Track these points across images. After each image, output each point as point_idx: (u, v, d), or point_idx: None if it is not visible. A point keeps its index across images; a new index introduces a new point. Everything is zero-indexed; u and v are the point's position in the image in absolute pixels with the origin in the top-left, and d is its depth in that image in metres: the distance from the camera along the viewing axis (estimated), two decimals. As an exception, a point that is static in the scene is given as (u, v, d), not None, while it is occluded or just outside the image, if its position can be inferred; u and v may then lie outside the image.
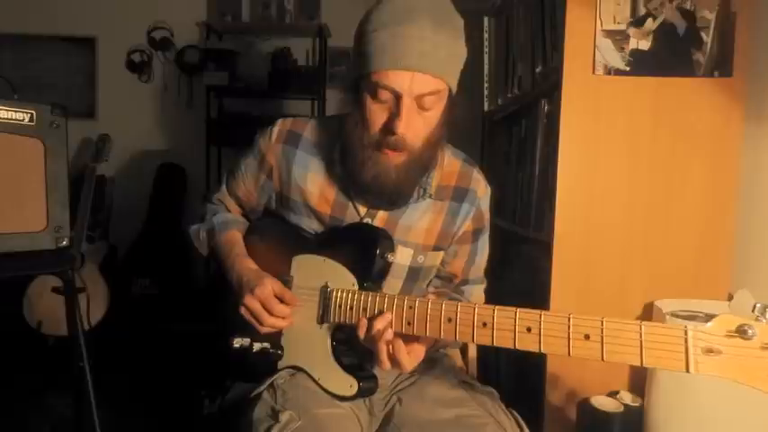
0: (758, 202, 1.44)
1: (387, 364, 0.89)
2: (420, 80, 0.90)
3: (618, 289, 1.50)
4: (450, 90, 0.96)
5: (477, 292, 1.20)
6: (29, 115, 1.14)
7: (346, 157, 1.01)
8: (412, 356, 0.90)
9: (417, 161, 0.98)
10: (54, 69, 3.57)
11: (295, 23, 3.47)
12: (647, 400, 1.43)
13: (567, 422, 1.54)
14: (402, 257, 1.08)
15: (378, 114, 0.94)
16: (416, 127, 0.94)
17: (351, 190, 1.06)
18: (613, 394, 1.50)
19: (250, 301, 1.01)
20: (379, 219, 1.07)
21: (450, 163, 1.12)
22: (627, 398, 1.48)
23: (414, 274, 1.11)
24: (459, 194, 1.11)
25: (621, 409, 1.44)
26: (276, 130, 1.12)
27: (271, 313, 1.00)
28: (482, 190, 1.14)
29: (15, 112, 1.12)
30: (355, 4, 0.96)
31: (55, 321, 2.71)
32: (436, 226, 1.10)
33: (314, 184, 1.08)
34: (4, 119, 1.10)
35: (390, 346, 0.88)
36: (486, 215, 1.16)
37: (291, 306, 1.01)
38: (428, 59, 0.89)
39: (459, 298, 1.14)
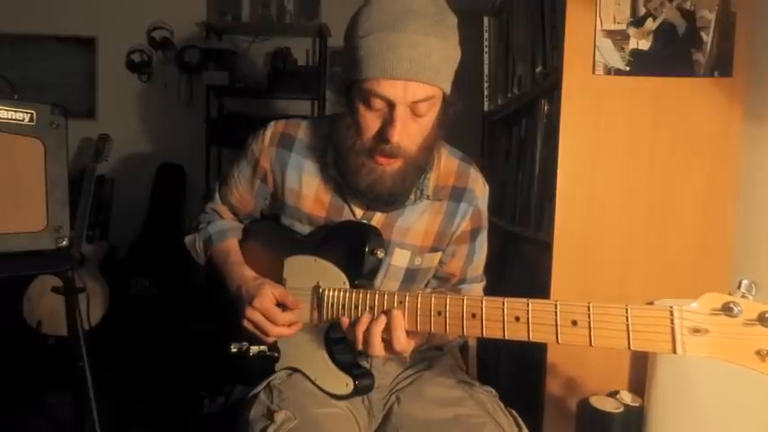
0: (758, 202, 1.44)
1: (359, 346, 0.88)
2: (413, 88, 0.88)
3: (618, 289, 1.50)
4: (444, 93, 0.94)
5: (476, 290, 1.18)
6: (29, 115, 1.14)
7: (340, 161, 0.99)
8: (399, 340, 0.86)
9: (413, 166, 0.96)
10: (54, 69, 3.56)
11: (295, 23, 3.47)
12: (647, 400, 1.43)
13: (567, 422, 1.54)
14: (399, 260, 1.07)
15: (371, 121, 0.92)
16: (411, 133, 0.92)
17: (346, 192, 1.04)
18: (613, 394, 1.50)
19: (251, 313, 0.98)
20: (376, 221, 1.05)
21: (447, 162, 1.10)
22: (627, 398, 1.48)
23: (411, 275, 1.10)
24: (457, 194, 1.09)
25: (621, 409, 1.43)
26: (269, 132, 1.09)
27: (275, 323, 0.97)
28: (480, 189, 1.12)
29: (15, 112, 1.12)
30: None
31: (55, 321, 2.71)
32: (434, 227, 1.09)
33: (309, 188, 1.06)
34: (4, 119, 1.10)
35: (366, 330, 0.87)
36: (485, 214, 1.14)
37: (295, 311, 0.99)
38: (420, 66, 0.86)
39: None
